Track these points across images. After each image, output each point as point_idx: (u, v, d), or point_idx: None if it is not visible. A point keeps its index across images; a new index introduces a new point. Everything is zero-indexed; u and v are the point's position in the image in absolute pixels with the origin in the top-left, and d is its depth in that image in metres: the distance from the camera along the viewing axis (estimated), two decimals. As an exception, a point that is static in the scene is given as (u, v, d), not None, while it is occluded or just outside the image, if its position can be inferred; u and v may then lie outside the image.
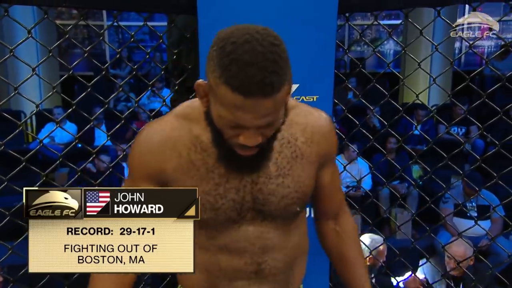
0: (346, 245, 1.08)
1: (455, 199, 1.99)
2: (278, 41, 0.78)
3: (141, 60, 7.55)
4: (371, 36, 8.86)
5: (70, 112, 1.43)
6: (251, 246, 0.96)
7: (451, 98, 1.52)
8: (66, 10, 7.48)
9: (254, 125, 0.79)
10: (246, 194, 0.93)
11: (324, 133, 0.97)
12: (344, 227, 1.09)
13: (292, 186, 0.94)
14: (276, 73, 0.75)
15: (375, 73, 1.60)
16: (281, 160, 0.93)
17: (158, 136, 0.93)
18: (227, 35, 0.77)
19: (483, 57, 3.60)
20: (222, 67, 0.75)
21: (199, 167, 0.92)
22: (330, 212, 1.08)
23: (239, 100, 0.75)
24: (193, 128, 0.93)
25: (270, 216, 0.95)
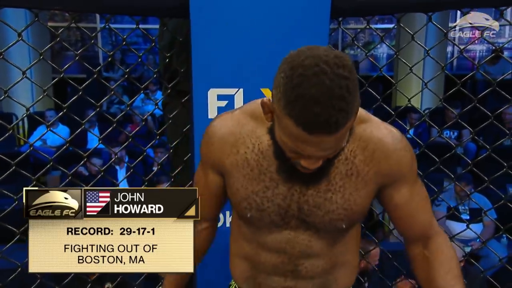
0: (436, 271, 0.98)
1: (446, 202, 2.00)
2: (347, 72, 0.74)
3: (134, 62, 7.53)
4: (364, 40, 8.91)
5: (62, 115, 1.42)
6: (290, 249, 0.98)
7: (442, 102, 1.53)
8: (59, 12, 7.44)
9: (315, 156, 0.81)
10: (293, 203, 0.94)
11: (387, 151, 0.92)
12: (434, 251, 1.00)
13: (340, 202, 0.93)
14: (343, 110, 0.73)
15: (369, 77, 1.60)
16: (334, 176, 0.92)
17: (222, 129, 0.97)
18: (295, 63, 0.75)
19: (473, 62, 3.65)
20: (287, 100, 0.75)
21: (253, 167, 0.94)
22: (414, 234, 1.02)
23: (302, 135, 0.76)
24: (256, 127, 0.95)
25: (314, 228, 0.96)
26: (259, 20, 1.27)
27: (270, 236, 0.98)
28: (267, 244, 0.99)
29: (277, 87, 0.78)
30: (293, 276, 1.00)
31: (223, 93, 1.32)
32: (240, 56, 1.30)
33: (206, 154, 1.00)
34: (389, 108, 1.66)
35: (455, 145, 1.60)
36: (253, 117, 0.96)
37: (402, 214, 0.99)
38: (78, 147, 4.46)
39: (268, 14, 1.27)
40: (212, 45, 1.29)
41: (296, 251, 0.98)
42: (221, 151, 0.97)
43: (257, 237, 1.00)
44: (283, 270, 1.00)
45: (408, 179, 0.96)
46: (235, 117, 0.97)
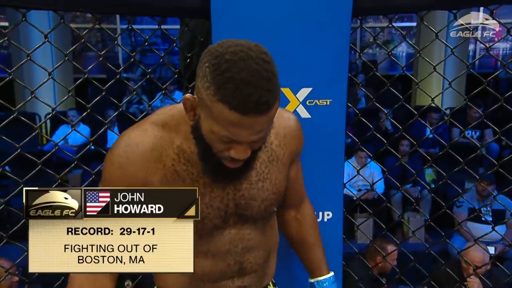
0: (306, 231, 1.16)
1: (470, 204, 1.96)
2: (269, 58, 0.80)
3: (152, 62, 7.60)
4: (383, 38, 8.80)
5: (86, 115, 1.44)
6: (234, 248, 1.00)
7: (467, 101, 1.50)
8: (81, 14, 7.58)
9: (248, 140, 0.81)
10: (230, 201, 0.96)
11: (294, 134, 1.03)
12: (305, 215, 1.17)
13: (270, 188, 0.99)
14: (271, 91, 0.77)
15: (387, 76, 1.58)
16: (260, 165, 0.97)
17: (140, 146, 0.91)
18: (220, 51, 0.78)
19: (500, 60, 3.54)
20: (218, 85, 0.76)
21: (184, 178, 0.93)
22: (293, 202, 1.15)
23: (236, 118, 0.76)
24: (174, 138, 0.93)
25: (251, 219, 1.00)
26: (280, 19, 1.27)
27: (212, 242, 0.98)
28: (210, 251, 0.99)
29: (204, 77, 0.78)
30: (239, 275, 1.02)
31: (243, 93, 1.32)
32: (261, 56, 1.29)
33: (121, 178, 0.92)
34: (410, 107, 1.63)
35: (479, 146, 1.57)
36: (166, 128, 0.93)
37: (291, 185, 1.09)
38: (99, 146, 4.54)
39: (289, 14, 1.27)
40: (233, 45, 1.29)
41: (239, 249, 1.00)
42: (145, 169, 0.91)
43: (199, 248, 0.97)
44: (230, 272, 1.01)
45: (299, 155, 1.08)
46: (148, 132, 0.93)
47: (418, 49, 1.49)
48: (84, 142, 4.86)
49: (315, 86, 1.30)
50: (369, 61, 6.69)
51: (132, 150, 0.91)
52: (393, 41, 8.54)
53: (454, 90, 1.67)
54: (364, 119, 1.62)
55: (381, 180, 3.94)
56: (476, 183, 1.68)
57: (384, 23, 6.04)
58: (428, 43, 1.52)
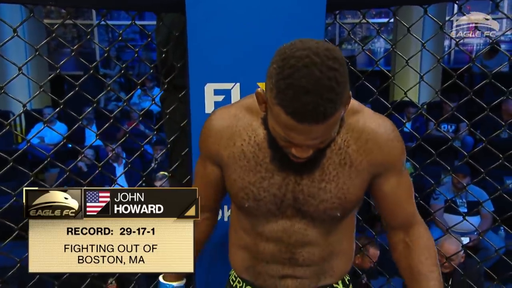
0: (416, 257, 1.02)
1: (443, 195, 2.01)
2: (337, 64, 0.77)
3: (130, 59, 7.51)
4: (361, 34, 8.90)
5: (59, 111, 1.42)
6: (287, 238, 1.00)
7: (439, 95, 1.53)
8: (56, 9, 7.41)
9: (305, 144, 0.83)
10: (288, 192, 0.97)
11: (380, 142, 0.94)
12: (415, 239, 1.03)
13: (334, 192, 0.95)
14: (331, 100, 0.76)
15: (366, 71, 1.61)
16: (328, 165, 0.95)
17: (219, 123, 0.99)
18: (287, 54, 0.79)
19: (469, 54, 3.63)
20: (278, 89, 0.78)
21: (249, 159, 0.97)
22: (397, 222, 1.05)
23: (292, 124, 0.79)
24: (252, 120, 0.98)
25: (309, 216, 0.99)
26: (255, 14, 1.27)
27: (267, 226, 1.01)
28: (264, 234, 1.01)
29: (270, 77, 0.81)
30: (291, 264, 1.03)
31: (219, 88, 1.32)
32: (237, 51, 1.30)
33: (204, 147, 1.03)
34: (387, 102, 1.66)
35: (451, 138, 1.61)
36: (249, 111, 0.99)
37: (389, 202, 1.02)
38: (76, 144, 4.47)
39: (264, 9, 1.27)
40: (208, 40, 1.29)
41: (292, 240, 1.00)
42: (218, 144, 0.99)
43: (255, 227, 1.02)
44: (281, 258, 1.02)
45: (397, 169, 0.99)
46: (231, 111, 1.00)
47: (391, 43, 1.52)
48: (61, 140, 4.77)
49: (291, 80, 1.31)
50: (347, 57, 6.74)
51: (213, 123, 1.00)
52: (372, 36, 8.64)
53: (430, 86, 1.71)
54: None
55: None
56: (448, 174, 1.72)
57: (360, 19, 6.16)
58: (401, 38, 1.55)
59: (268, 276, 1.05)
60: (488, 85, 1.56)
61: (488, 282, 2.38)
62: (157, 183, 3.34)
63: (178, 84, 1.49)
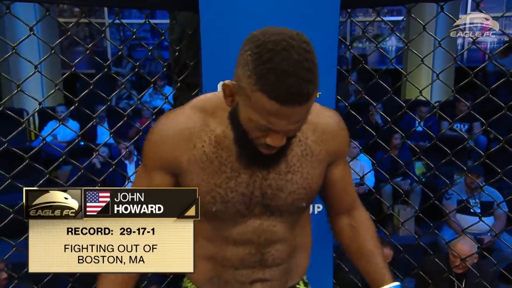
0: (363, 238, 1.08)
1: (458, 195, 1.98)
2: (310, 48, 0.79)
3: (141, 57, 7.54)
4: (372, 32, 8.83)
5: (72, 110, 1.43)
6: (256, 238, 0.99)
7: (454, 93, 1.51)
8: (68, 8, 7.48)
9: (286, 129, 0.82)
10: (256, 189, 0.95)
11: (334, 132, 1.00)
12: (360, 221, 1.09)
13: (300, 182, 0.97)
14: (311, 81, 0.78)
15: (377, 70, 1.59)
16: (291, 157, 0.96)
17: (174, 126, 0.94)
18: (262, 40, 0.78)
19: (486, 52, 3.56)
20: (259, 75, 0.77)
21: (213, 160, 0.94)
22: (344, 208, 1.10)
23: (275, 108, 0.78)
24: (209, 121, 0.95)
25: (278, 211, 0.98)
26: (269, 12, 1.27)
27: (235, 228, 0.99)
28: (232, 237, 0.99)
29: (245, 65, 0.79)
30: (261, 266, 1.02)
31: (233, 86, 1.32)
32: (250, 49, 1.29)
33: (155, 155, 0.96)
34: (400, 101, 1.64)
35: (466, 138, 1.58)
36: (203, 111, 0.95)
37: (338, 189, 1.06)
38: (88, 142, 4.50)
39: (277, 6, 1.26)
40: (222, 38, 1.29)
41: (262, 240, 0.99)
42: (176, 148, 0.94)
43: (221, 232, 1.00)
44: (251, 261, 1.01)
45: (344, 156, 1.06)
46: (185, 113, 0.96)
47: (405, 41, 1.50)
48: (73, 138, 4.82)
49: (304, 79, 1.30)
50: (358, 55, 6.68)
51: (165, 129, 0.95)
52: (383, 35, 8.57)
53: (443, 85, 1.69)
54: (354, 113, 1.62)
55: (371, 174, 3.96)
56: (463, 174, 1.70)
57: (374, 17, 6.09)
58: (416, 35, 1.53)
59: (237, 283, 1.02)
60: (502, 84, 1.54)
61: (503, 284, 2.35)
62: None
63: (191, 82, 1.49)
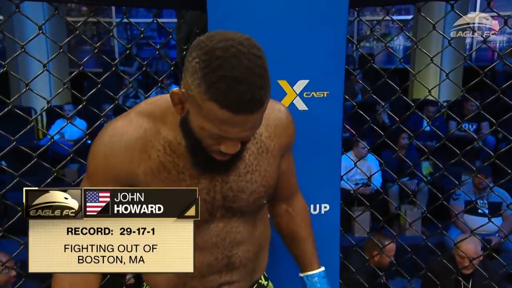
0: (297, 224, 1.13)
1: (467, 195, 1.97)
2: (260, 53, 0.77)
3: (149, 56, 7.57)
4: (380, 31, 8.79)
5: (81, 107, 1.43)
6: (222, 242, 0.98)
7: (464, 93, 1.50)
8: (76, 7, 7.52)
9: (239, 137, 0.80)
10: (217, 194, 0.94)
11: (284, 125, 1.00)
12: (296, 209, 1.14)
13: (259, 180, 0.97)
14: (263, 88, 0.75)
15: (384, 69, 1.58)
16: (249, 157, 0.95)
17: (125, 137, 0.89)
18: (210, 46, 0.75)
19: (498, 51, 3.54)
20: (209, 84, 0.73)
21: (170, 170, 0.91)
22: (284, 195, 1.12)
23: (228, 117, 0.74)
24: (159, 128, 0.90)
25: (239, 212, 0.98)
26: (277, 11, 1.26)
27: (199, 235, 0.95)
28: (197, 245, 0.96)
29: (193, 73, 0.75)
30: (228, 270, 1.01)
31: (240, 85, 1.32)
32: (257, 48, 1.29)
33: (105, 169, 0.91)
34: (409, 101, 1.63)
35: (475, 138, 1.57)
36: (152, 118, 0.91)
37: (283, 178, 1.06)
38: (95, 140, 4.52)
39: (286, 6, 1.26)
40: (229, 37, 1.28)
41: (227, 243, 0.98)
42: (129, 160, 0.89)
43: None
44: (218, 267, 0.99)
45: (291, 148, 1.06)
46: (133, 122, 0.90)
47: (415, 40, 1.49)
48: (80, 136, 4.84)
49: (312, 78, 1.30)
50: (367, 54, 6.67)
51: (116, 140, 0.89)
52: (390, 34, 8.52)
53: (451, 84, 1.67)
54: (361, 112, 1.62)
55: (378, 174, 3.95)
56: (473, 175, 1.69)
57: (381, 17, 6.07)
58: (426, 35, 1.52)
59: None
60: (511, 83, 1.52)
61: (511, 286, 2.33)
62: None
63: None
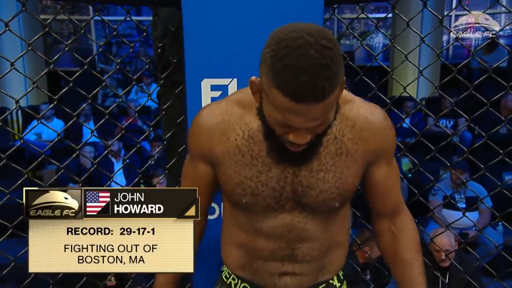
0: (401, 246, 1.05)
1: (443, 191, 2.00)
2: (331, 44, 0.77)
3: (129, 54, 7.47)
4: (360, 29, 8.88)
5: (55, 107, 1.40)
6: (287, 233, 0.98)
7: (438, 90, 1.52)
8: (51, 4, 7.36)
9: (304, 127, 0.81)
10: (287, 185, 0.95)
11: (374, 129, 0.96)
12: (401, 228, 1.06)
13: (332, 182, 0.95)
14: (328, 78, 0.76)
15: (364, 67, 1.59)
16: (325, 155, 0.94)
17: (210, 119, 0.97)
18: (281, 37, 0.78)
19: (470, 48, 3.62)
20: (275, 71, 0.77)
21: (245, 153, 0.95)
22: (385, 210, 1.07)
23: (291, 105, 0.77)
24: (244, 114, 0.96)
25: (309, 209, 0.97)
26: (252, 9, 1.26)
27: (266, 222, 0.99)
28: (263, 230, 0.99)
29: (264, 61, 0.80)
30: (290, 260, 1.01)
31: (216, 83, 1.31)
32: (233, 46, 1.28)
33: (194, 145, 1.01)
34: (385, 98, 1.65)
35: (451, 134, 1.60)
36: (240, 105, 0.97)
37: (379, 190, 1.03)
38: (74, 140, 4.45)
39: (261, 3, 1.25)
40: (205, 35, 1.28)
41: (292, 235, 0.99)
42: (211, 140, 0.97)
43: (253, 223, 1.00)
44: (280, 255, 1.01)
45: (389, 156, 1.01)
46: (222, 107, 0.98)
47: (390, 38, 1.50)
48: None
49: (288, 76, 1.29)
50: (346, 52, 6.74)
51: (203, 121, 0.98)
52: (370, 32, 8.62)
53: (429, 81, 1.70)
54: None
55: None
56: (447, 170, 1.72)
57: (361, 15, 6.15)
58: (400, 32, 1.53)
59: (267, 273, 1.03)
60: (486, 80, 1.55)
61: (486, 278, 2.38)
62: (155, 179, 3.33)
63: (175, 79, 1.48)
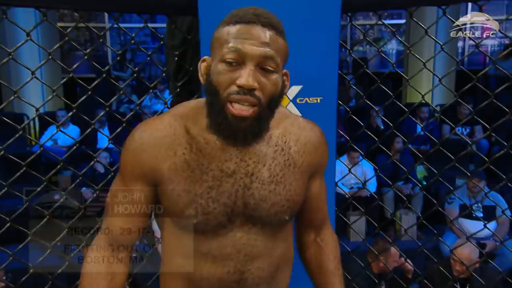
0: (327, 257, 1.09)
1: (461, 200, 1.96)
2: (275, 20, 0.88)
3: (143, 62, 7.54)
4: (373, 36, 8.83)
5: (72, 114, 1.41)
6: (236, 253, 0.94)
7: (457, 98, 1.50)
8: (68, 12, 7.49)
9: (253, 52, 0.83)
10: (238, 199, 0.92)
11: (316, 144, 0.99)
12: (326, 239, 1.10)
13: (283, 194, 0.94)
14: (274, 18, 0.87)
15: (378, 73, 1.58)
16: (275, 166, 0.94)
17: (154, 134, 0.92)
18: (231, 15, 0.88)
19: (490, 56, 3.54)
20: (225, 20, 0.87)
21: (194, 169, 0.90)
22: (313, 224, 1.09)
23: (239, 29, 0.84)
24: (189, 127, 0.93)
25: (260, 223, 0.94)
26: (269, 16, 1.25)
27: (214, 242, 0.93)
28: (211, 253, 0.94)
29: (217, 27, 0.89)
30: (239, 287, 0.96)
31: (233, 91, 1.30)
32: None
33: (133, 164, 0.92)
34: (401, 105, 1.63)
35: (470, 142, 1.57)
36: (184, 118, 0.94)
37: (313, 203, 1.05)
38: (89, 146, 4.49)
39: (278, 10, 1.25)
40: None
41: (241, 256, 0.94)
42: (156, 156, 0.91)
43: (200, 247, 0.94)
44: (229, 281, 0.95)
45: (322, 171, 1.05)
46: (164, 121, 0.93)
47: (407, 45, 1.48)
48: (74, 142, 4.81)
49: (305, 83, 1.29)
50: (359, 58, 6.70)
51: (145, 136, 0.92)
52: (383, 38, 8.57)
53: (443, 88, 1.67)
54: (355, 117, 1.61)
55: (373, 178, 3.95)
56: (467, 180, 1.68)
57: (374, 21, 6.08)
58: (419, 39, 1.52)
59: None
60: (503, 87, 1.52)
61: (506, 289, 2.33)
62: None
63: (190, 88, 1.48)
